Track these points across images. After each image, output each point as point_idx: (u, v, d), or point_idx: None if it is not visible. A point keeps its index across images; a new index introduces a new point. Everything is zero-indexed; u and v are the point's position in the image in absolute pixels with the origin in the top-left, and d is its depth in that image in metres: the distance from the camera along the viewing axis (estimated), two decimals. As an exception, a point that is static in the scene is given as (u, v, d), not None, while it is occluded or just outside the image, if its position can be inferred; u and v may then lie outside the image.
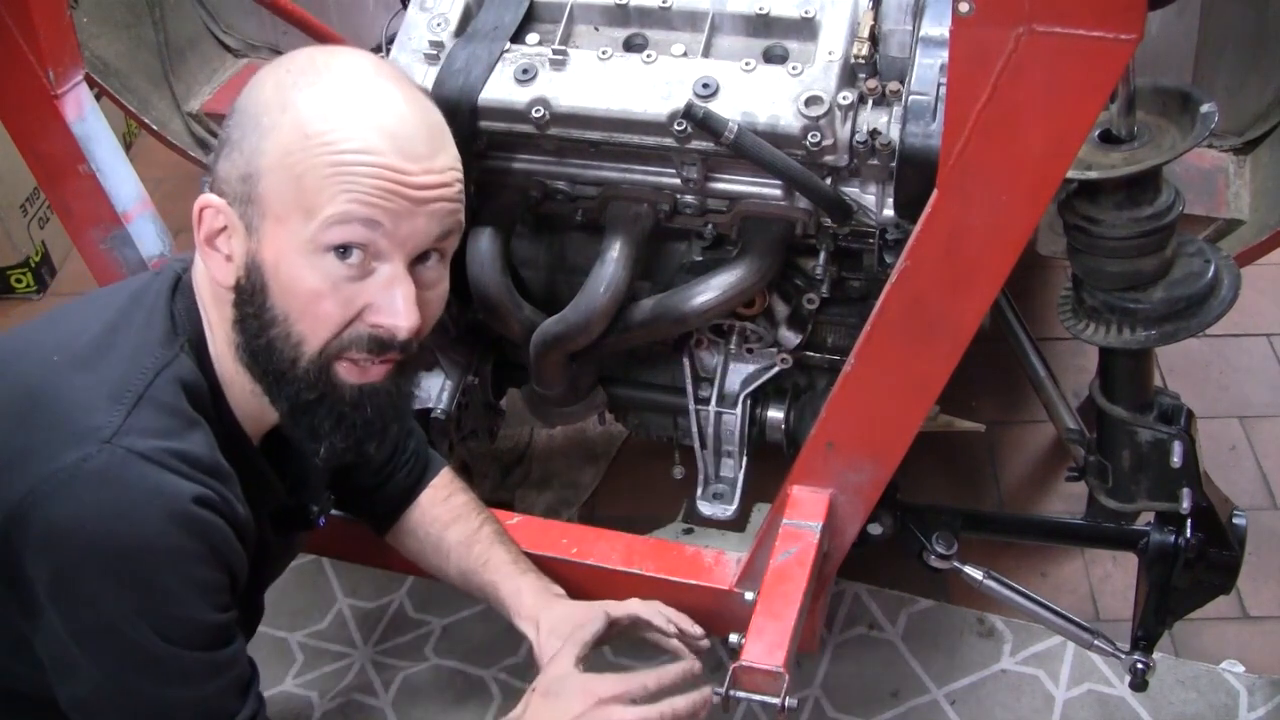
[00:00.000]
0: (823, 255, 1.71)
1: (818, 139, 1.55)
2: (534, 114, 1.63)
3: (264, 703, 1.26)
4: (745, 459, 1.88)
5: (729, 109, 1.57)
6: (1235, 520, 1.64)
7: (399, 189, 1.15)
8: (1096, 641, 1.69)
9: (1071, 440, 1.99)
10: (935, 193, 1.24)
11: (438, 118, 1.23)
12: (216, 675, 1.20)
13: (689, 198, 1.69)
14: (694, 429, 1.88)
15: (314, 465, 1.42)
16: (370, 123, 1.15)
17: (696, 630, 1.54)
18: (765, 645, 1.44)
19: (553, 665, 1.42)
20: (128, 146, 3.15)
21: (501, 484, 2.37)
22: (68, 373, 1.16)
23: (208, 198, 1.18)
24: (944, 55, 1.50)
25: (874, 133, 1.55)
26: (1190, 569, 1.64)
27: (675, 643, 1.54)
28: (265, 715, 1.26)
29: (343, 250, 1.15)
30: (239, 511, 1.21)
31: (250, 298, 1.18)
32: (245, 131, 1.16)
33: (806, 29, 1.65)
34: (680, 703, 1.38)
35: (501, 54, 1.68)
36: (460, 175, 1.23)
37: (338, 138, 1.13)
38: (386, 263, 1.17)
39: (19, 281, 3.02)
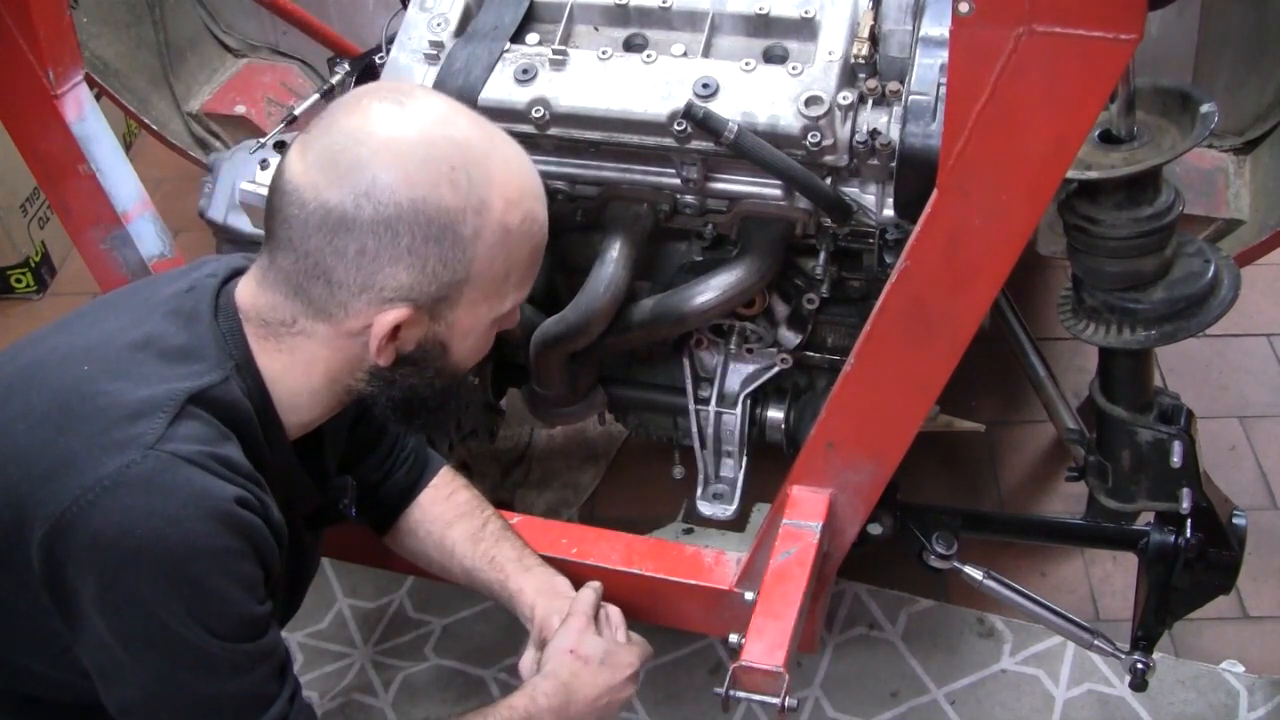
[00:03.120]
0: (823, 255, 1.71)
1: (818, 139, 1.55)
2: (534, 114, 1.63)
3: (299, 682, 1.30)
4: (745, 459, 1.88)
5: (729, 109, 1.57)
6: (1235, 520, 1.64)
7: None
8: (1096, 641, 1.69)
9: (1071, 440, 1.99)
10: (935, 193, 1.24)
11: None
12: (261, 662, 1.23)
13: (689, 198, 1.69)
14: (694, 429, 1.88)
15: (330, 460, 1.46)
16: (540, 198, 1.24)
17: None
18: (765, 645, 1.44)
19: (578, 629, 1.47)
20: (128, 146, 3.15)
21: (501, 484, 2.37)
22: (103, 381, 1.17)
23: (403, 313, 1.18)
24: (944, 55, 1.50)
25: (874, 133, 1.55)
26: (1190, 569, 1.64)
27: None
28: (300, 691, 1.29)
29: None
30: (274, 516, 1.23)
31: (421, 364, 1.26)
32: (438, 245, 1.16)
33: (806, 29, 1.65)
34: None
35: (501, 54, 1.68)
36: None
37: (531, 226, 1.22)
38: None
39: (19, 281, 3.02)
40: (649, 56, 1.65)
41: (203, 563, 1.14)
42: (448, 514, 1.63)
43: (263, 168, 1.82)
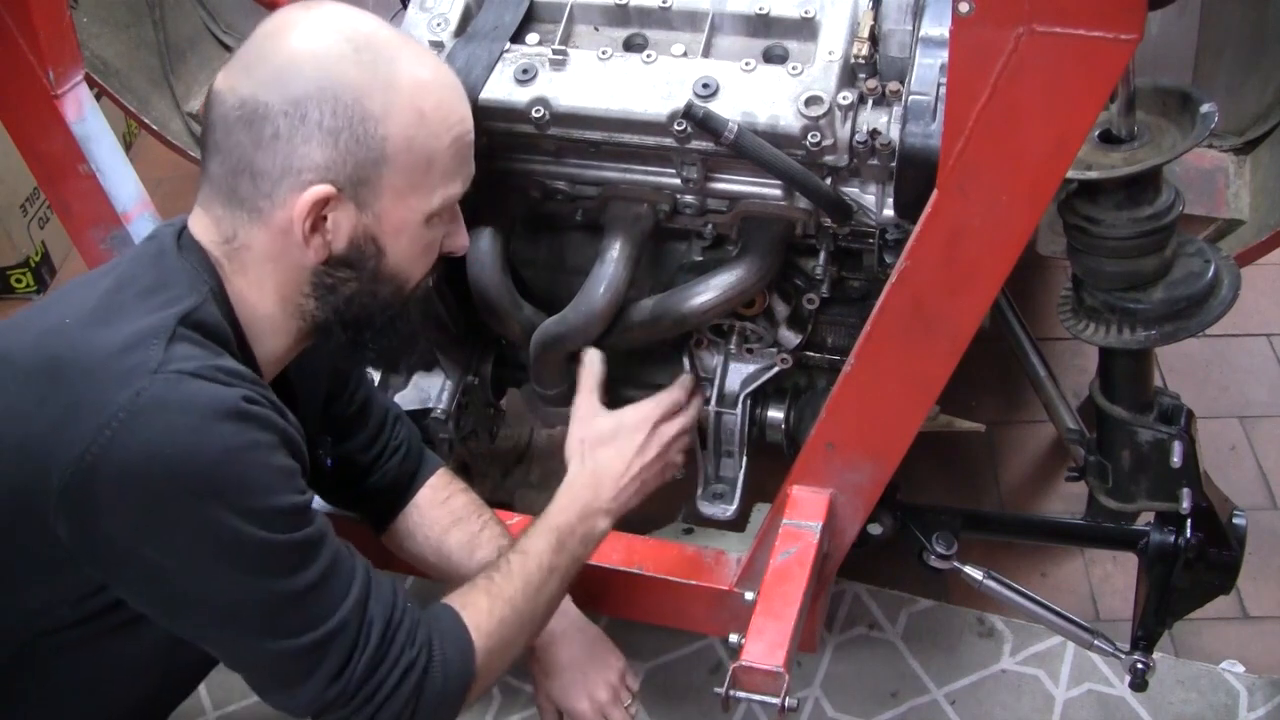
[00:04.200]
0: (823, 255, 1.71)
1: (818, 139, 1.55)
2: (534, 114, 1.63)
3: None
4: (745, 459, 1.88)
5: (729, 109, 1.56)
6: (1235, 520, 1.64)
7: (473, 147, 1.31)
8: (1096, 641, 1.69)
9: (1071, 440, 1.99)
10: (935, 193, 1.24)
11: None
12: (323, 543, 1.22)
13: (689, 198, 1.69)
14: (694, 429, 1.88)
15: (305, 416, 1.45)
16: (460, 94, 1.28)
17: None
18: (765, 645, 1.44)
19: (585, 415, 1.52)
20: (128, 146, 3.15)
21: (501, 484, 2.37)
22: (86, 332, 1.17)
23: (323, 190, 1.19)
24: (944, 55, 1.49)
25: (874, 133, 1.55)
26: (1190, 569, 1.64)
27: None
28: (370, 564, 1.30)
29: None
30: (288, 414, 1.24)
31: (357, 265, 1.26)
32: (347, 119, 1.18)
33: (806, 29, 1.65)
34: (696, 401, 1.73)
35: (501, 54, 1.68)
36: None
37: (449, 115, 1.25)
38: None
39: (19, 281, 3.02)
40: (649, 56, 1.65)
41: (236, 463, 1.14)
42: (444, 519, 1.62)
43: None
